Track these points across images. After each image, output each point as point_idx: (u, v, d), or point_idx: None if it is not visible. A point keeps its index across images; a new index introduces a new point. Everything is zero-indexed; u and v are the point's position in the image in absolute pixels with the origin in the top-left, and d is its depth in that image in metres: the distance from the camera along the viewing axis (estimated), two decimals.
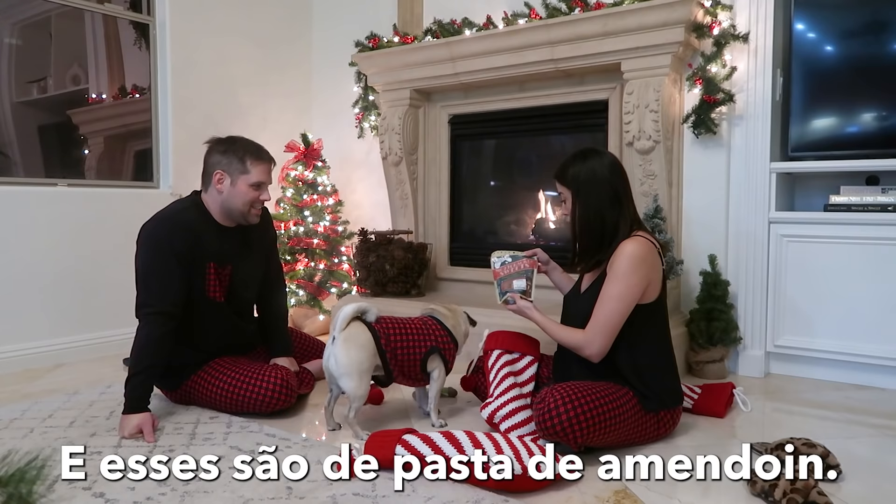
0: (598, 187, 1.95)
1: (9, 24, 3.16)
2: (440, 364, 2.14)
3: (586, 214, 1.97)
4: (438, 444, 1.68)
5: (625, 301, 1.87)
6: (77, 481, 1.66)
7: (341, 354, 1.94)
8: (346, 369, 1.94)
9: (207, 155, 2.29)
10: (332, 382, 2.04)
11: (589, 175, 1.96)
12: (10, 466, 0.81)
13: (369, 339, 2.01)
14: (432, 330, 2.17)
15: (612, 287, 1.88)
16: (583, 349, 1.91)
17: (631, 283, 1.87)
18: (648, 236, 1.96)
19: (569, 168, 2.00)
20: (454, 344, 2.20)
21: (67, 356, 3.07)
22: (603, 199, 1.95)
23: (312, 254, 3.79)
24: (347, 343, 1.96)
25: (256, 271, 2.43)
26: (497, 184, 3.83)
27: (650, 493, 1.63)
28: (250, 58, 3.97)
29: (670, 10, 2.73)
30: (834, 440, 1.97)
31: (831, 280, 2.67)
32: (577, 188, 1.97)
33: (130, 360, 2.10)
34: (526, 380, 2.07)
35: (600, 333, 1.88)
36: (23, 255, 2.96)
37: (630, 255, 1.88)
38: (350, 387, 1.95)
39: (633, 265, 1.87)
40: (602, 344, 1.88)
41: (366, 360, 1.98)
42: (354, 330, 2.00)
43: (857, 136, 2.69)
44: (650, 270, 1.90)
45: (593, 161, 1.98)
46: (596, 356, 1.90)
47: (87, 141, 3.48)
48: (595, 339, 1.88)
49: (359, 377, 1.95)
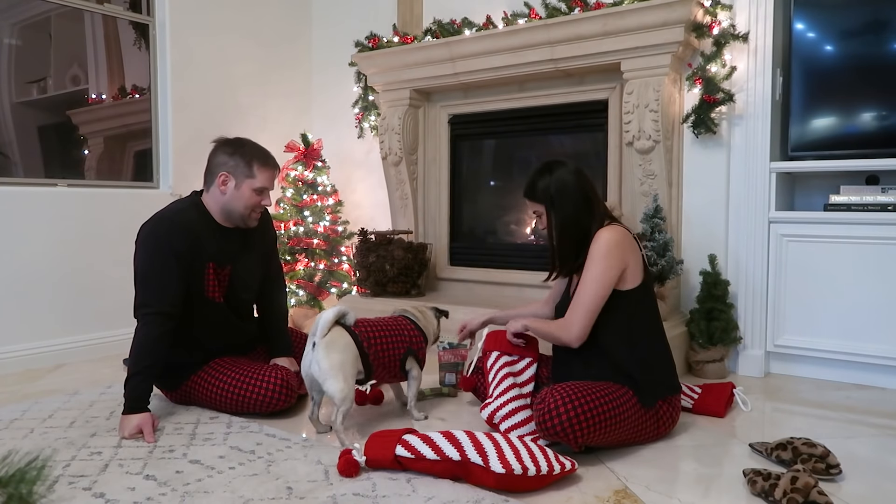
0: (570, 196, 2.01)
1: (9, 24, 3.16)
2: (416, 363, 2.24)
3: (563, 224, 2.02)
4: (438, 444, 1.68)
5: (600, 283, 1.90)
6: (77, 481, 1.66)
7: (324, 359, 1.94)
8: (329, 372, 1.93)
9: (213, 155, 2.28)
10: (314, 389, 2.04)
11: (560, 186, 2.01)
12: (10, 466, 0.81)
13: (350, 342, 2.02)
14: (407, 329, 2.25)
15: (588, 272, 1.93)
16: (561, 336, 1.95)
17: (607, 265, 1.91)
18: (619, 225, 2.02)
19: (537, 183, 2.05)
20: (426, 342, 2.31)
21: (68, 356, 3.07)
22: (578, 206, 2.01)
23: (312, 254, 3.79)
24: (329, 347, 1.96)
25: (256, 272, 2.43)
26: (497, 184, 3.84)
27: (650, 493, 1.63)
28: (250, 57, 3.97)
29: (670, 9, 2.74)
30: (834, 440, 1.97)
31: (831, 280, 2.67)
32: (551, 201, 2.02)
33: (129, 360, 2.09)
34: (525, 380, 2.08)
35: (578, 316, 1.91)
36: (23, 256, 2.96)
37: (604, 240, 1.94)
38: (335, 389, 1.93)
39: (608, 249, 1.92)
40: (581, 326, 1.91)
41: (349, 363, 1.98)
42: (335, 334, 2.00)
43: (857, 135, 2.69)
44: (625, 253, 1.94)
45: (559, 172, 2.03)
46: (575, 340, 1.92)
47: (86, 141, 3.48)
48: (573, 323, 1.92)
49: (343, 379, 1.94)
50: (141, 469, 1.75)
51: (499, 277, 3.47)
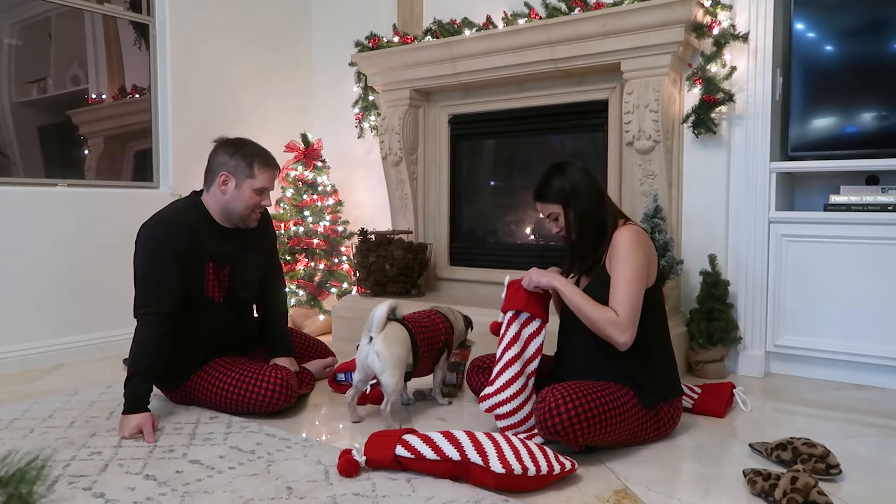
0: (585, 191, 2.02)
1: (9, 24, 3.16)
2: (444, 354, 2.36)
3: (582, 219, 2.01)
4: (438, 444, 1.68)
5: (638, 282, 1.90)
6: (77, 481, 1.66)
7: (384, 351, 2.04)
8: (388, 364, 2.04)
9: (213, 154, 2.29)
10: (366, 380, 2.16)
11: (574, 183, 2.02)
12: (10, 466, 0.81)
13: (406, 336, 2.14)
14: (441, 324, 2.35)
15: (621, 272, 1.90)
16: (611, 332, 1.86)
17: (638, 263, 1.90)
18: (635, 224, 2.03)
19: (551, 184, 2.04)
20: (454, 333, 2.41)
21: (67, 356, 3.07)
22: (594, 200, 2.02)
23: (312, 254, 3.79)
24: (388, 340, 2.06)
25: (255, 271, 2.43)
26: (497, 184, 3.84)
27: (650, 493, 1.63)
28: (250, 58, 3.97)
29: (670, 9, 2.74)
30: (834, 440, 1.97)
31: (831, 280, 2.67)
32: (567, 199, 2.01)
33: (129, 360, 2.09)
34: (532, 354, 1.98)
35: (630, 318, 1.86)
36: (23, 256, 2.96)
37: (628, 239, 1.93)
38: (391, 381, 2.04)
39: (634, 247, 1.92)
40: (634, 329, 1.87)
41: (404, 356, 2.11)
42: (392, 328, 2.11)
43: (857, 135, 2.69)
44: (648, 252, 1.96)
45: (571, 170, 2.04)
46: (628, 342, 1.87)
47: (87, 141, 3.48)
48: (628, 325, 1.86)
49: (399, 372, 2.07)
50: (141, 469, 1.75)
51: (499, 277, 3.44)
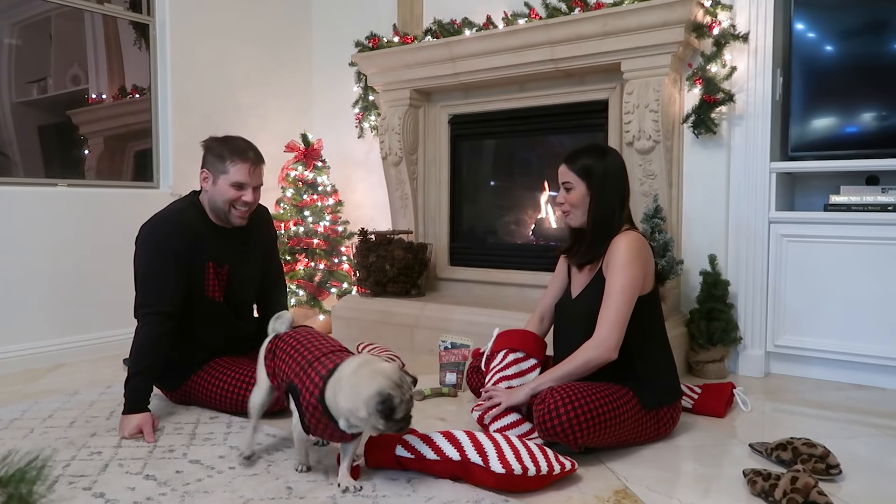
0: (612, 182, 2.00)
1: (9, 24, 3.16)
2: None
3: (597, 206, 1.99)
4: (438, 444, 1.68)
5: (630, 292, 1.89)
6: (77, 481, 1.66)
7: None
8: None
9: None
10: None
11: (608, 169, 1.99)
12: (10, 466, 0.81)
13: None
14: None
15: (614, 282, 1.89)
16: (599, 355, 1.86)
17: (633, 274, 1.89)
18: (636, 231, 2.01)
19: (583, 158, 2.01)
20: None
21: (67, 356, 3.07)
22: (615, 196, 2.00)
23: (312, 254, 3.79)
24: None
25: (255, 271, 2.43)
26: (497, 184, 3.83)
27: (650, 493, 1.63)
28: (250, 58, 3.97)
29: (670, 9, 2.73)
30: (834, 440, 1.97)
31: (831, 280, 2.67)
32: (593, 182, 1.99)
33: (129, 360, 2.09)
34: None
35: (612, 329, 1.86)
36: (23, 256, 2.96)
37: (626, 247, 1.91)
38: None
39: (631, 257, 1.90)
40: (616, 339, 1.87)
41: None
42: None
43: (857, 135, 2.69)
44: (646, 261, 1.94)
45: (610, 159, 2.02)
46: (613, 353, 1.87)
47: (87, 141, 3.48)
48: (609, 336, 1.86)
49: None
50: (141, 469, 1.75)
51: (499, 277, 3.47)
